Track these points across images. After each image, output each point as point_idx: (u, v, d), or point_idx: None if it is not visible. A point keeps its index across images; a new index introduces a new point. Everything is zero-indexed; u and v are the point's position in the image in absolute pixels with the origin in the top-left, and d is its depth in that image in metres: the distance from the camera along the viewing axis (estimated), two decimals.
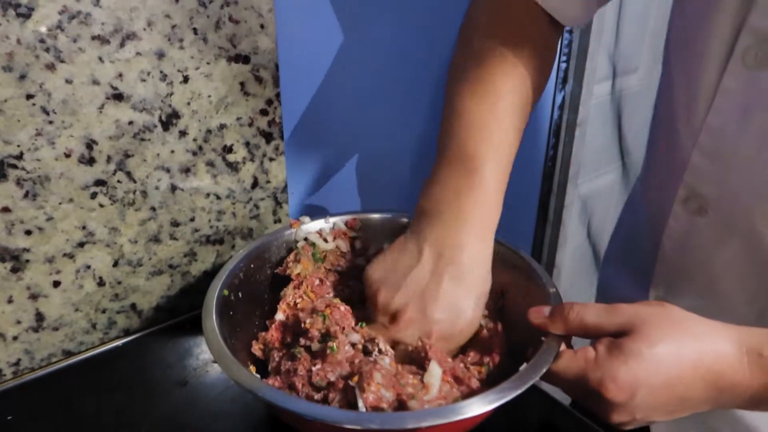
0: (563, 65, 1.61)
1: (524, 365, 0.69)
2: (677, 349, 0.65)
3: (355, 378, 0.71)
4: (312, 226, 0.93)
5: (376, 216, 0.97)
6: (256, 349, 0.82)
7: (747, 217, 0.78)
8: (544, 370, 0.68)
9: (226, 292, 0.81)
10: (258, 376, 0.70)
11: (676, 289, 0.93)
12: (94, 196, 0.87)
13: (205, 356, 0.93)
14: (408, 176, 1.34)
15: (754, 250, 0.79)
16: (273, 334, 0.83)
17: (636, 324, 0.66)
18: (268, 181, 1.04)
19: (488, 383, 0.75)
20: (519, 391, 0.65)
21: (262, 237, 0.91)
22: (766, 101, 0.72)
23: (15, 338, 0.87)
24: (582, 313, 0.69)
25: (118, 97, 0.84)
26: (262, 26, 0.93)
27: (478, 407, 0.63)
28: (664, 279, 0.94)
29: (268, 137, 1.01)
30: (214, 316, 0.75)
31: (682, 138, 0.84)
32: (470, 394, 0.73)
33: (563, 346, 0.72)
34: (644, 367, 0.64)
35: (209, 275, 1.02)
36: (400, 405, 0.69)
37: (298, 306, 0.85)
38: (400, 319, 0.76)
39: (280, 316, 0.84)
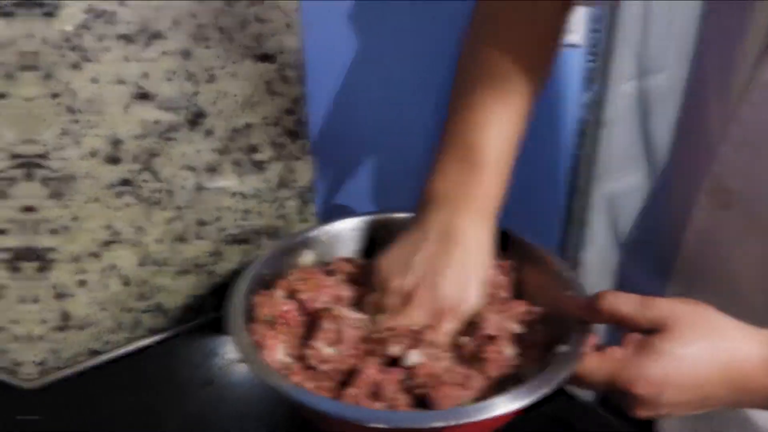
0: (589, 64, 1.60)
1: (555, 358, 0.69)
2: (710, 351, 0.65)
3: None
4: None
5: (400, 216, 0.96)
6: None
7: None
8: (575, 366, 0.68)
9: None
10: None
11: (695, 286, 0.91)
12: (119, 195, 0.87)
13: (231, 356, 0.93)
14: None
15: None
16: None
17: (669, 322, 0.65)
18: (294, 181, 1.03)
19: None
20: (550, 388, 0.66)
21: (286, 237, 0.91)
22: None
23: (41, 338, 0.87)
24: (616, 304, 0.69)
25: (144, 96, 0.84)
26: (288, 25, 0.93)
27: (508, 405, 0.63)
28: (684, 274, 0.93)
29: (294, 136, 1.00)
30: (242, 317, 0.74)
31: (712, 129, 0.83)
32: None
33: (592, 341, 0.72)
34: (676, 366, 0.64)
35: (236, 274, 1.01)
36: None
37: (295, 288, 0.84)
38: (413, 298, 0.76)
39: (280, 293, 0.83)
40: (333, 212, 0.95)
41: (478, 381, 0.72)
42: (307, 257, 0.90)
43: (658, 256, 1.00)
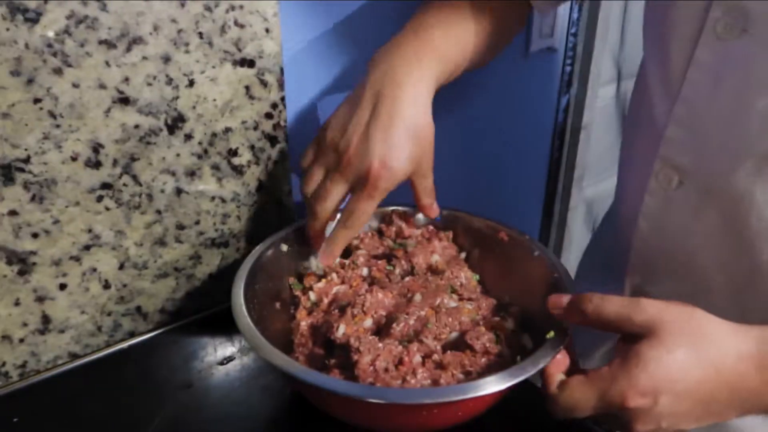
0: (568, 68, 1.61)
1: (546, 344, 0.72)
2: (699, 355, 0.63)
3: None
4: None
5: (391, 208, 1.01)
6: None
7: (724, 181, 0.77)
8: (560, 349, 0.71)
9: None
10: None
11: (653, 275, 0.92)
12: (100, 199, 0.87)
13: (210, 359, 0.94)
14: None
15: (731, 217, 0.79)
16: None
17: (656, 327, 0.64)
18: (272, 184, 1.04)
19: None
20: (535, 370, 0.68)
21: (286, 228, 0.92)
22: (737, 68, 0.73)
23: (21, 340, 0.88)
24: (601, 306, 0.68)
25: (125, 100, 0.85)
26: (267, 30, 0.94)
27: (495, 385, 0.65)
28: (640, 264, 0.94)
29: (273, 140, 1.01)
30: (243, 306, 0.77)
31: (658, 114, 0.85)
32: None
33: (564, 356, 0.72)
34: (665, 372, 0.63)
35: (214, 278, 1.02)
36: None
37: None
38: (346, 154, 0.82)
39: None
40: None
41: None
42: (312, 262, 0.94)
43: (613, 259, 1.01)
